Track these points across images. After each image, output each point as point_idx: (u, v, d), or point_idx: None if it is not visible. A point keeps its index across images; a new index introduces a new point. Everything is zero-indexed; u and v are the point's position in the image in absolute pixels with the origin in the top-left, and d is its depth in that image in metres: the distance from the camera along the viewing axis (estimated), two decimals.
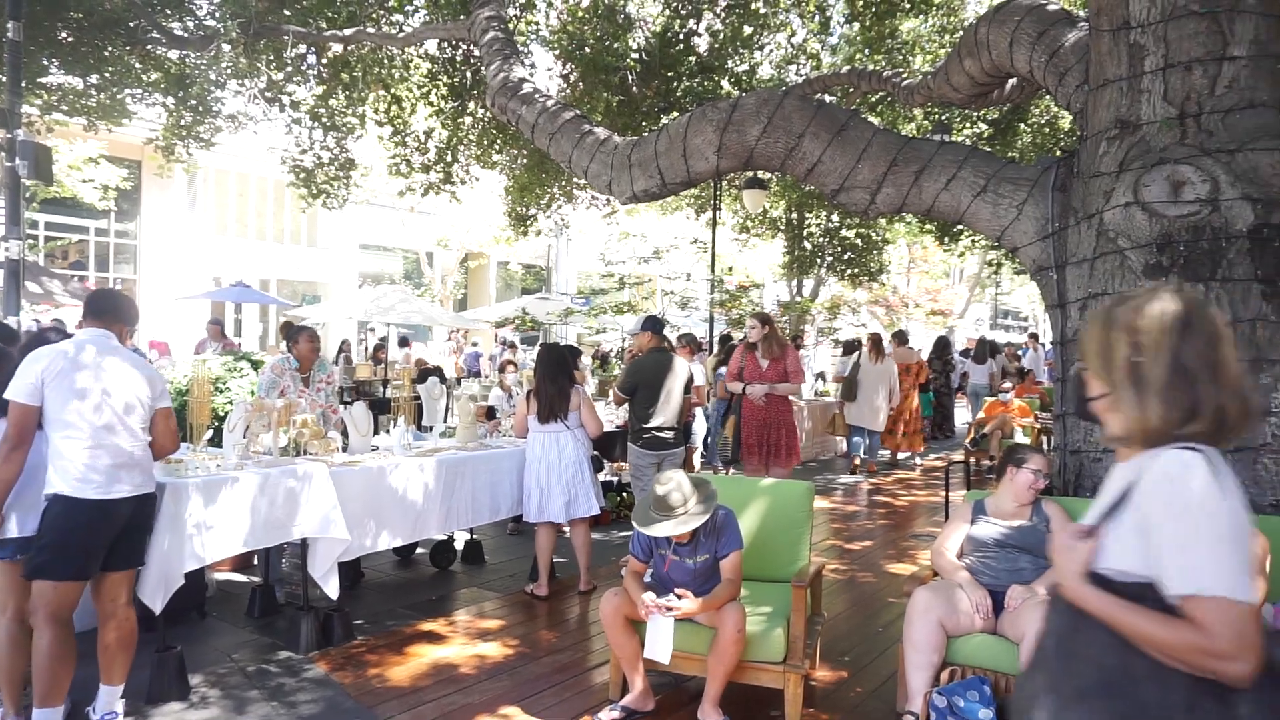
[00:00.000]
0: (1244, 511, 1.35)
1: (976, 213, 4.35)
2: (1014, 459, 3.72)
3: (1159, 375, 1.42)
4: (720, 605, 3.43)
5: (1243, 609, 1.28)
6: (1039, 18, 4.75)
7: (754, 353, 6.62)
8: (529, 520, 5.46)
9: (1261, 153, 3.52)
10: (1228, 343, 1.45)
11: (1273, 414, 3.61)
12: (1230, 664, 1.28)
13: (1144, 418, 1.43)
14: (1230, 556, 1.30)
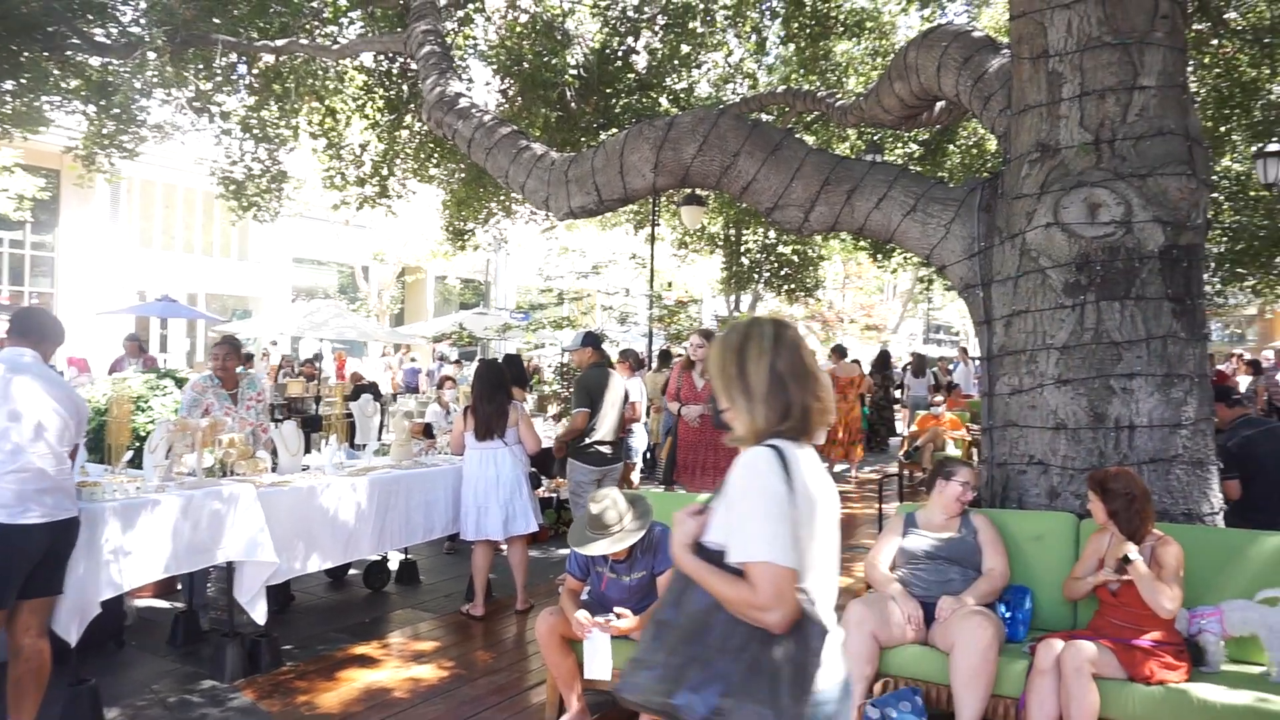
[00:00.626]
0: (801, 495, 1.67)
1: (906, 231, 4.45)
2: (943, 471, 3.81)
3: (760, 385, 1.74)
4: None
5: (781, 571, 1.60)
6: (965, 44, 4.91)
7: (691, 371, 6.31)
8: (466, 538, 5.39)
9: (1170, 177, 3.69)
10: (808, 353, 1.80)
11: (1182, 427, 3.77)
12: (769, 614, 1.61)
13: (753, 420, 1.75)
14: (776, 531, 1.62)
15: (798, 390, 1.74)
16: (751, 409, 1.75)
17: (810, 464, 1.73)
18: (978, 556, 3.68)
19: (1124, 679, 3.11)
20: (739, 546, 1.64)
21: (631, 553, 3.54)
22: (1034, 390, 3.96)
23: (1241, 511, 4.82)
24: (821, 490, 1.73)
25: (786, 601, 1.60)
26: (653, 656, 1.71)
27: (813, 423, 1.76)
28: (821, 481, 1.74)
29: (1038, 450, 3.97)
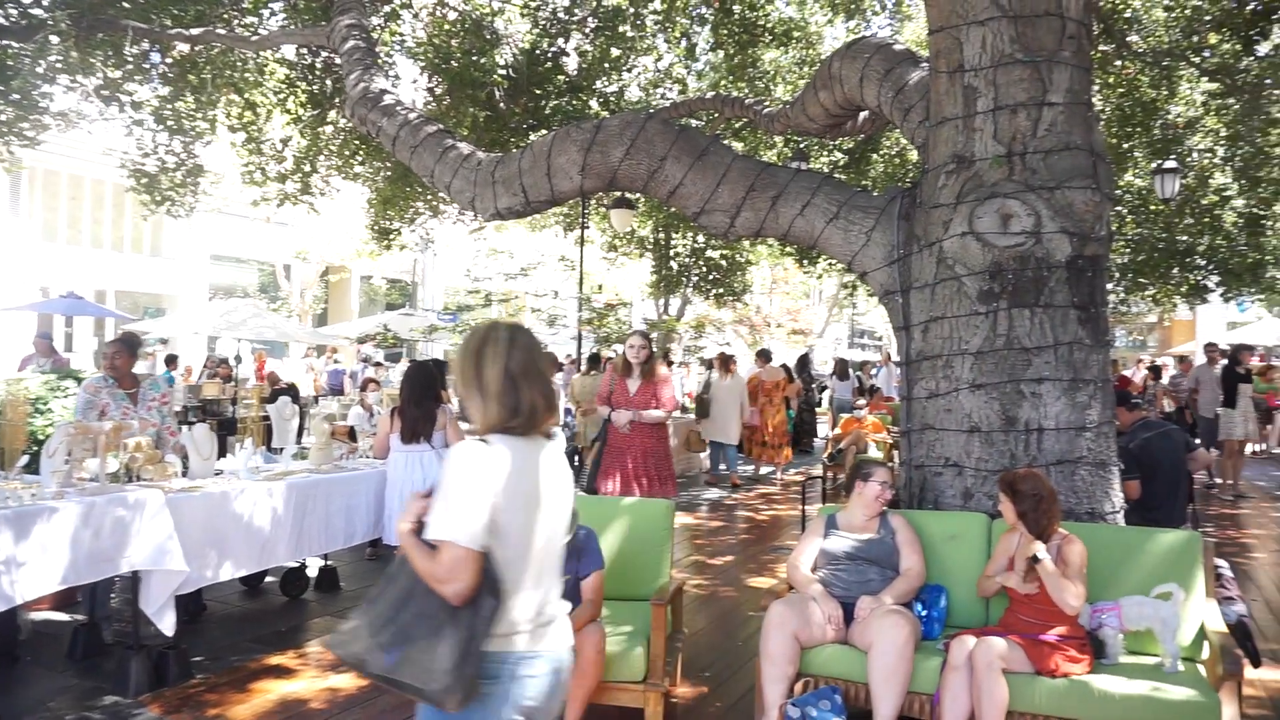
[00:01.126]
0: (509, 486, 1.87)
1: (829, 238, 4.54)
2: (861, 473, 3.89)
3: (494, 384, 1.93)
4: (581, 626, 3.41)
5: (461, 551, 1.80)
6: (886, 56, 5.03)
7: (626, 376, 6.09)
8: (389, 543, 5.28)
9: (1076, 191, 3.85)
10: (540, 356, 2.00)
11: (1087, 429, 3.93)
12: (446, 586, 1.81)
13: (487, 415, 1.95)
14: (466, 514, 1.82)
15: (528, 390, 1.94)
16: (485, 405, 1.95)
17: (535, 458, 1.96)
18: (896, 557, 3.77)
19: (1031, 673, 3.22)
20: (433, 525, 1.84)
21: None
22: (950, 394, 4.08)
23: (1140, 510, 5.06)
24: (543, 483, 1.96)
25: (461, 577, 1.81)
26: (362, 618, 1.92)
27: (540, 419, 1.97)
28: (547, 475, 1.98)
29: (953, 452, 4.09)
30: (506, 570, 1.89)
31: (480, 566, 1.83)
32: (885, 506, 3.89)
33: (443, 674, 1.80)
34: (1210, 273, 14.17)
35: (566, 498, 2.08)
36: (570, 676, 2.13)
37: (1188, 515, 5.51)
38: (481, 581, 1.84)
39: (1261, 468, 12.46)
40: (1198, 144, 11.88)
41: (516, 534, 1.91)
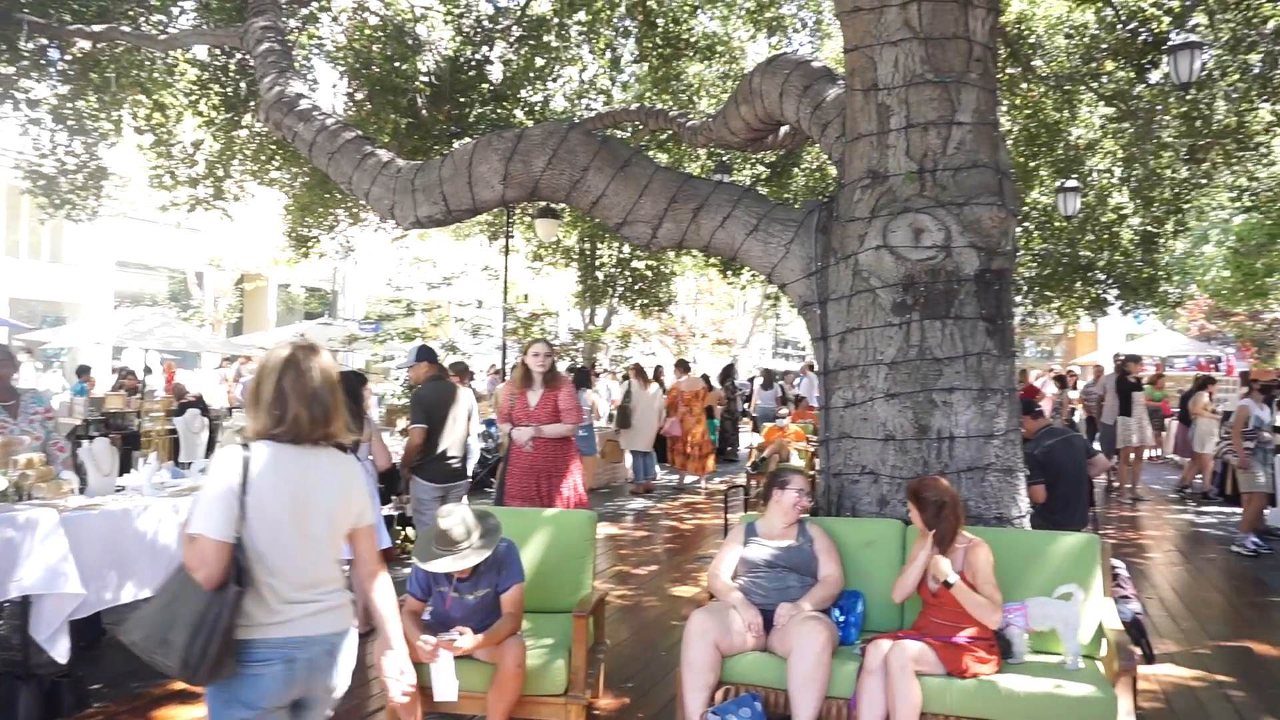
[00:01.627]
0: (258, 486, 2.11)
1: (749, 250, 4.61)
2: (778, 481, 3.94)
3: (267, 395, 2.19)
4: (501, 640, 3.37)
5: (206, 542, 2.07)
6: (805, 73, 5.14)
7: (527, 388, 5.69)
8: None
9: (983, 207, 4.00)
10: (316, 375, 2.23)
11: (995, 437, 4.07)
12: (197, 574, 2.06)
13: (256, 423, 2.20)
14: (213, 511, 2.08)
15: (295, 403, 2.18)
16: (256, 414, 2.21)
17: (301, 463, 2.20)
18: (814, 564, 3.83)
19: (943, 674, 3.31)
20: (190, 519, 2.12)
21: (476, 570, 3.46)
22: (866, 403, 4.17)
23: (1045, 514, 5.26)
24: (306, 485, 2.20)
25: (208, 566, 2.05)
26: (147, 604, 2.20)
27: (307, 430, 2.20)
28: (313, 478, 2.21)
29: (869, 460, 4.19)
30: (257, 562, 2.12)
31: (227, 556, 2.07)
32: (804, 514, 3.96)
33: (183, 650, 2.03)
34: (1109, 286, 14.91)
35: (339, 500, 2.27)
36: (339, 662, 2.29)
37: (1089, 518, 5.75)
38: (228, 570, 2.07)
39: (1157, 472, 13.12)
40: (1097, 164, 12.48)
41: (269, 529, 2.13)
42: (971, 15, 4.11)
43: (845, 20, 4.32)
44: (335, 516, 2.26)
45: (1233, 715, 4.09)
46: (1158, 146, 10.52)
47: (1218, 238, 21.57)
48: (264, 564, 2.13)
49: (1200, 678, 4.57)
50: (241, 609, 2.08)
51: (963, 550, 3.50)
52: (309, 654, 2.19)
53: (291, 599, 2.17)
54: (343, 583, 2.36)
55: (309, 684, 2.22)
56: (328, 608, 2.25)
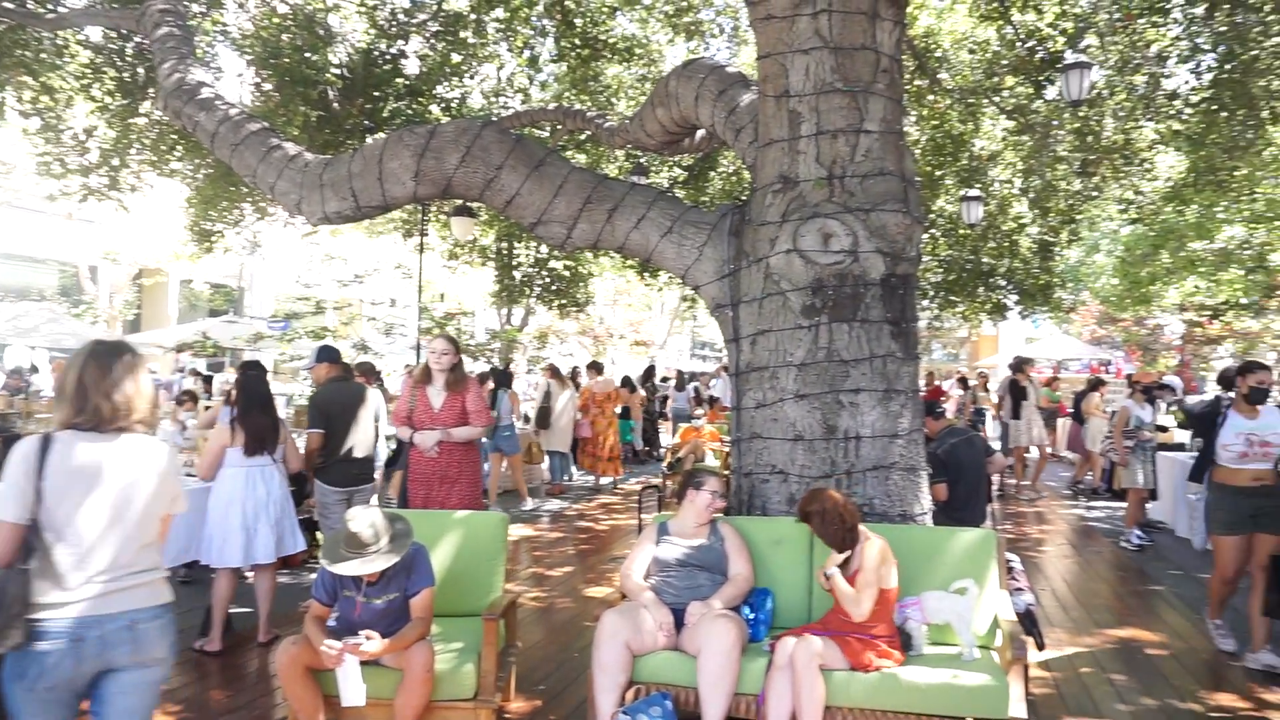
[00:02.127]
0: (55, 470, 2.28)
1: (664, 252, 4.64)
2: (693, 482, 3.98)
3: (69, 388, 2.38)
4: (409, 644, 3.31)
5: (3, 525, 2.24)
6: (720, 78, 5.22)
7: (426, 386, 5.30)
8: (215, 565, 4.92)
9: (889, 213, 4.13)
10: (116, 367, 2.39)
11: (899, 437, 4.20)
12: None
13: (61, 412, 2.39)
14: (4, 494, 2.26)
15: (95, 394, 2.35)
16: (60, 405, 2.40)
17: (103, 448, 2.35)
18: (725, 562, 3.88)
19: (847, 669, 3.40)
20: None
21: (384, 574, 3.39)
22: (776, 404, 4.26)
23: (947, 511, 5.46)
24: (106, 470, 2.34)
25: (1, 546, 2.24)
26: None
27: (105, 419, 2.36)
28: (116, 464, 2.36)
29: (779, 460, 4.27)
30: (54, 544, 2.27)
31: (18, 537, 2.24)
32: (717, 514, 4.00)
33: None
34: (1009, 292, 15.57)
35: (144, 486, 2.39)
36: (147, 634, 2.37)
37: (988, 514, 5.99)
38: (19, 550, 2.24)
39: (1051, 469, 13.76)
40: (999, 175, 13.01)
41: (64, 513, 2.28)
42: (879, 27, 4.23)
43: (758, 27, 4.39)
44: (138, 501, 2.37)
45: (1114, 697, 4.32)
46: (1053, 160, 11.04)
47: (1107, 247, 22.79)
48: (60, 545, 2.28)
49: (1087, 663, 4.82)
50: (35, 587, 2.24)
51: (861, 548, 3.59)
52: (101, 632, 2.29)
53: (88, 579, 2.29)
54: (155, 562, 2.48)
55: (107, 658, 2.31)
56: (128, 586, 2.35)
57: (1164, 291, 19.25)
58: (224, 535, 4.88)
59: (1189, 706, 4.22)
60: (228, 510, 4.89)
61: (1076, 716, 4.09)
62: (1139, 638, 5.30)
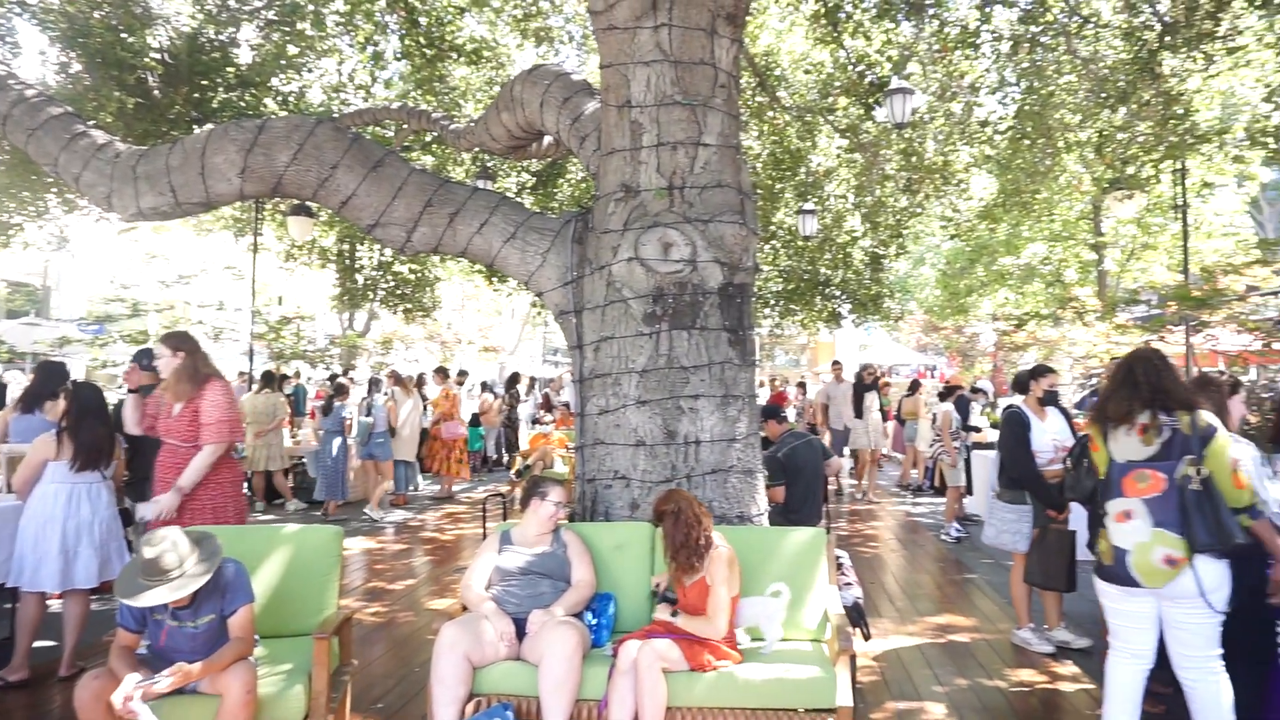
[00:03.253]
0: None
1: (507, 258, 4.60)
2: (536, 492, 3.95)
3: None
4: (226, 667, 3.10)
5: None
6: (565, 85, 5.23)
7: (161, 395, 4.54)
8: (26, 589, 4.44)
9: (726, 225, 4.26)
10: None
11: (737, 441, 4.34)
12: None
13: None
14: None
15: None
16: None
17: None
18: (568, 569, 3.88)
19: (688, 670, 3.47)
20: None
21: (195, 596, 3.16)
22: (619, 410, 4.30)
23: (785, 512, 5.69)
24: None
25: None
26: None
27: None
28: None
29: (621, 466, 4.32)
30: None
31: None
32: (561, 521, 4.00)
33: None
34: (844, 301, 16.46)
35: None
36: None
37: (823, 514, 6.29)
38: None
39: (883, 469, 14.61)
40: (834, 190, 13.74)
41: None
42: (717, 44, 4.37)
43: (601, 37, 4.44)
44: None
45: (932, 679, 4.63)
46: (882, 177, 11.77)
47: (931, 261, 24.54)
48: None
49: (909, 649, 5.14)
50: None
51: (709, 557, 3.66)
52: None
53: None
54: None
55: None
56: None
57: (979, 302, 20.91)
58: (39, 557, 4.43)
59: (995, 684, 4.58)
60: (44, 530, 4.44)
61: (899, 700, 4.35)
62: (955, 624, 5.71)
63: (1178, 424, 3.18)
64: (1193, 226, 14.32)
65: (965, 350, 22.83)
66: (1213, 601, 3.11)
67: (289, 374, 13.53)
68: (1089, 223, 16.85)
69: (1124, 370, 3.37)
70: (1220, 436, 3.14)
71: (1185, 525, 3.08)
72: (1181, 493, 3.09)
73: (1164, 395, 3.23)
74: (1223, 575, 3.12)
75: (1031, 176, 10.71)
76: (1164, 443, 3.19)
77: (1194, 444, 3.13)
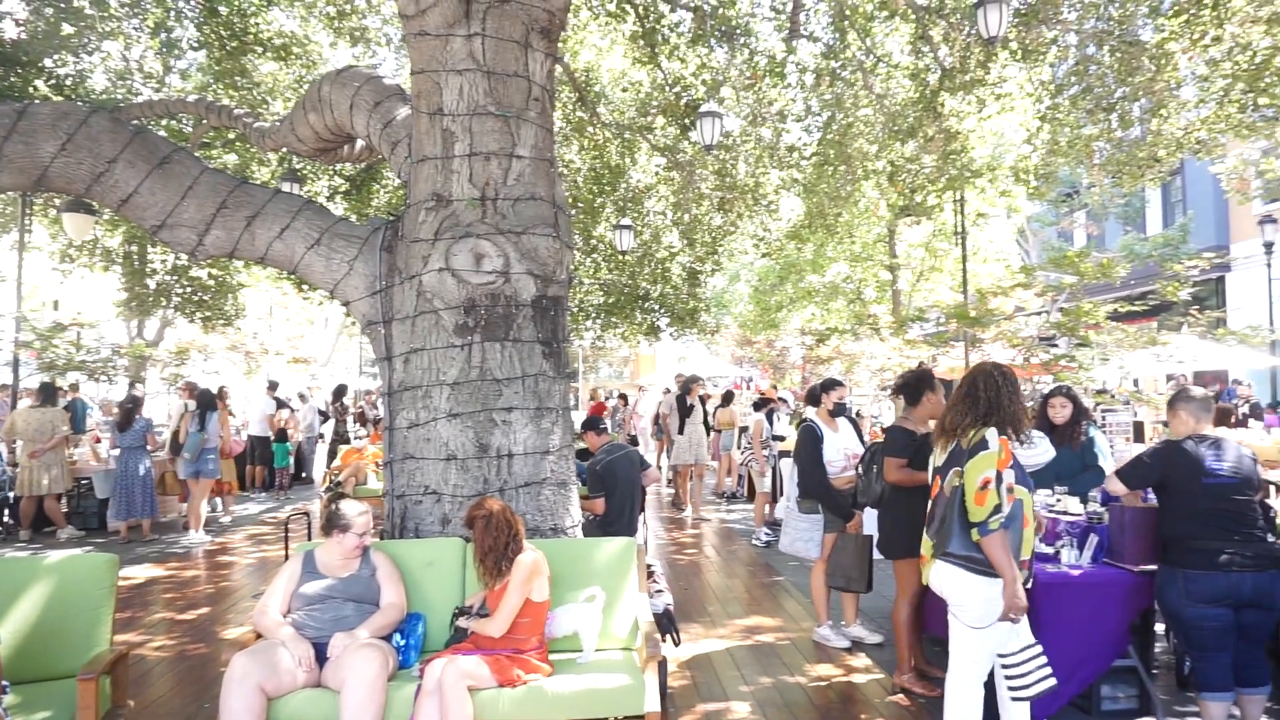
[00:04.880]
0: None
1: (311, 265, 4.39)
2: (338, 525, 3.74)
3: None
4: None
5: None
6: (377, 88, 5.07)
7: None
8: None
9: (539, 237, 4.27)
10: None
11: (551, 453, 4.35)
12: None
13: None
14: None
15: None
16: None
17: None
18: (377, 591, 3.74)
19: (496, 686, 3.42)
20: None
21: None
22: (429, 423, 4.20)
23: (602, 523, 5.75)
24: None
25: None
26: None
27: None
28: None
29: (432, 480, 4.21)
30: None
31: None
32: (369, 543, 3.84)
33: None
34: (662, 315, 16.91)
35: None
36: None
37: (639, 524, 6.40)
38: None
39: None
40: (654, 207, 14.10)
41: None
42: (531, 57, 4.38)
43: (413, 42, 4.34)
44: None
45: (739, 680, 4.81)
46: (698, 196, 12.20)
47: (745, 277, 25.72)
48: None
49: (719, 652, 5.33)
50: None
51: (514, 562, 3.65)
52: None
53: None
54: None
55: None
56: None
57: (789, 318, 22.11)
58: None
59: (796, 680, 4.83)
60: None
61: (708, 702, 4.49)
62: (762, 625, 5.97)
63: (961, 437, 3.36)
64: (971, 252, 15.83)
65: (776, 363, 24.05)
66: (956, 611, 3.31)
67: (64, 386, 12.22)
68: (885, 245, 18.25)
69: (967, 384, 3.47)
70: (981, 456, 3.24)
71: (935, 530, 3.36)
72: (947, 501, 3.34)
73: (997, 411, 3.33)
74: (962, 586, 3.25)
75: (834, 200, 11.46)
76: (951, 453, 3.41)
77: (963, 457, 3.31)
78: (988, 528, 3.19)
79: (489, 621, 3.54)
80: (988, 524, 3.19)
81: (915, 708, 4.37)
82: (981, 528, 3.20)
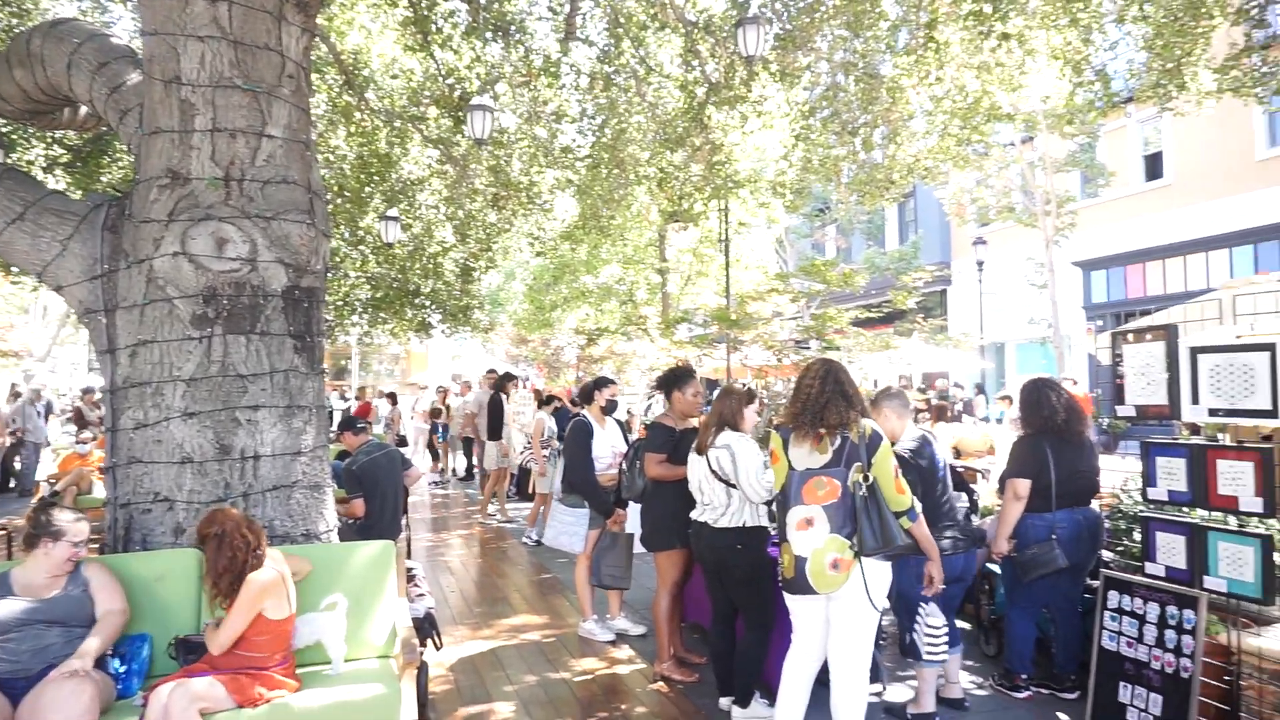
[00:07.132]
0: None
1: (11, 242, 3.84)
2: (48, 532, 3.30)
3: None
4: None
5: None
6: (101, 47, 4.51)
7: None
8: None
9: (292, 224, 3.99)
10: None
11: (303, 454, 4.08)
12: None
13: None
14: None
15: None
16: None
17: None
18: (89, 610, 3.31)
19: (234, 707, 3.15)
20: None
21: None
22: (160, 424, 3.80)
23: (362, 527, 5.49)
24: None
25: None
26: None
27: None
28: None
29: (164, 486, 3.81)
30: None
31: None
32: (81, 558, 3.39)
33: None
34: (434, 311, 16.45)
35: None
36: None
37: (402, 526, 6.18)
38: None
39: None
40: (426, 200, 13.66)
41: None
42: (286, 31, 4.09)
43: (144, 0, 3.90)
44: None
45: (504, 681, 4.77)
46: (472, 191, 11.97)
47: (520, 276, 25.63)
48: None
49: (484, 654, 5.25)
50: None
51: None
52: None
53: None
54: None
55: None
56: None
57: (563, 317, 22.30)
58: None
59: (561, 676, 4.87)
60: None
61: (470, 705, 4.42)
62: (529, 623, 5.96)
63: (848, 433, 3.36)
64: (734, 259, 16.77)
65: (551, 361, 24.18)
66: (875, 600, 3.32)
67: None
68: (656, 249, 18.89)
69: (831, 382, 3.44)
70: (885, 445, 3.35)
71: (854, 530, 3.28)
72: (852, 499, 3.29)
73: (861, 403, 3.41)
74: (886, 576, 3.37)
75: (607, 203, 11.68)
76: (835, 450, 3.35)
77: (861, 452, 3.33)
78: (915, 513, 3.48)
79: (212, 638, 3.24)
80: (914, 509, 3.47)
81: (675, 694, 4.55)
82: (910, 514, 3.45)
